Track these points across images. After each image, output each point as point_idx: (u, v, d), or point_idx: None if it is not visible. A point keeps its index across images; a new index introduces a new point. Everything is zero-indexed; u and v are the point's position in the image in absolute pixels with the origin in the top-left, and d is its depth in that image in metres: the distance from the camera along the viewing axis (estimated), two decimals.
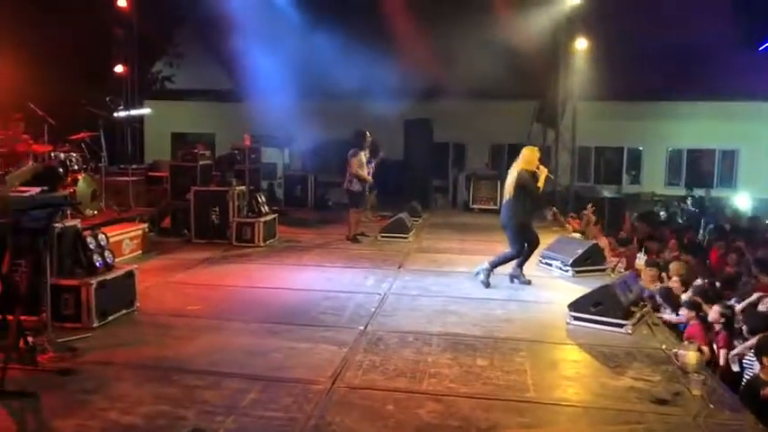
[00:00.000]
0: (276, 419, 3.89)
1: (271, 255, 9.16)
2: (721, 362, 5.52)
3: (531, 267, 8.53)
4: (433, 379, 4.60)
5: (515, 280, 7.57)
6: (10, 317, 4.58)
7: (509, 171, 7.59)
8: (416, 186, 15.31)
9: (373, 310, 6.33)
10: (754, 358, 4.98)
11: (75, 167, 8.62)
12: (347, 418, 3.93)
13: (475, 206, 15.27)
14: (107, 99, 12.07)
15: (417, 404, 4.16)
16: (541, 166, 7.51)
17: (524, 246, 7.56)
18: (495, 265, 7.52)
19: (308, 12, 14.95)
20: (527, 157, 7.50)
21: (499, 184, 15.36)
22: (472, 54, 14.12)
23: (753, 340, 5.15)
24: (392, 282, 7.54)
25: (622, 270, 8.32)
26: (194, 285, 7.24)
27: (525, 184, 7.34)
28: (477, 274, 7.50)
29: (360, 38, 14.27)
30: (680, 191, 17.96)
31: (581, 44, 14.83)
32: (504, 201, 7.64)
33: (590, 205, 11.32)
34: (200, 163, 10.74)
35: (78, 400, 4.10)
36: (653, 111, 17.44)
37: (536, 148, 7.75)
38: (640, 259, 7.66)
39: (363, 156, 10.26)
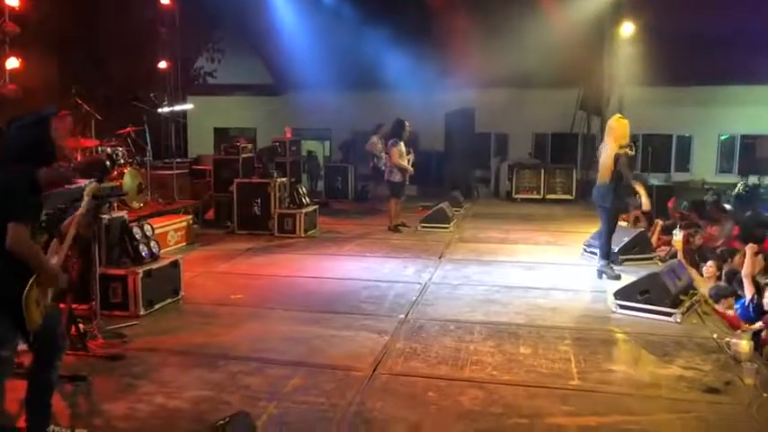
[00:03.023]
0: (318, 405, 3.91)
1: (311, 245, 9.23)
2: None
3: (575, 255, 8.42)
4: (475, 366, 4.55)
5: (603, 275, 7.05)
6: (62, 305, 4.73)
7: (599, 148, 7.05)
8: (458, 177, 15.20)
9: (414, 298, 6.31)
10: None
11: (122, 161, 8.84)
12: (388, 405, 3.92)
13: (518, 196, 15.09)
14: (151, 95, 12.35)
15: (459, 391, 4.12)
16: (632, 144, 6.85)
17: (614, 224, 7.07)
18: (606, 255, 7.08)
19: (350, 3, 14.95)
20: (618, 131, 6.75)
21: (543, 173, 15.24)
22: (514, 42, 13.88)
23: None
24: (433, 271, 7.50)
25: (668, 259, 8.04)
26: (237, 275, 7.35)
27: (623, 171, 6.66)
28: (601, 274, 7.06)
29: (401, 28, 14.23)
30: (733, 178, 17.34)
31: (627, 29, 14.42)
32: (598, 182, 7.05)
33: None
34: (243, 156, 10.90)
35: (127, 384, 4.21)
36: (703, 96, 16.84)
37: (624, 118, 6.96)
38: (677, 235, 7.28)
39: (402, 145, 10.22)
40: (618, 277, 6.87)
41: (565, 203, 14.57)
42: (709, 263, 6.94)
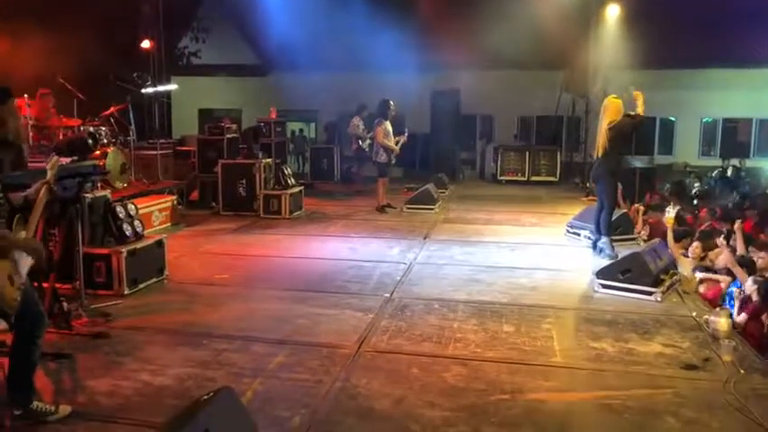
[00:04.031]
0: (303, 381, 3.94)
1: (297, 226, 9.23)
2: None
3: (558, 236, 8.49)
4: (459, 344, 4.60)
5: (602, 253, 7.12)
6: (45, 284, 4.70)
7: (598, 129, 7.23)
8: (443, 158, 15.22)
9: (399, 278, 6.34)
10: None
11: (105, 141, 8.73)
12: (373, 381, 3.96)
13: (503, 178, 15.16)
14: (135, 74, 12.19)
15: (443, 368, 4.17)
16: (636, 92, 7.02)
17: (614, 198, 7.22)
18: (607, 231, 7.19)
19: None
20: (612, 108, 7.07)
21: (528, 155, 15.30)
22: (501, 24, 13.84)
23: None
24: (418, 251, 7.54)
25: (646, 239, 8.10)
26: (222, 255, 7.34)
27: (626, 130, 7.02)
28: (601, 251, 7.15)
29: (386, 9, 14.11)
30: (714, 161, 17.53)
31: (612, 11, 14.43)
32: (595, 158, 7.35)
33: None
34: (227, 136, 10.82)
35: (111, 361, 4.21)
36: (686, 80, 16.96)
37: (617, 98, 7.23)
38: (670, 213, 7.36)
39: (388, 125, 10.21)
40: (615, 257, 6.80)
41: (549, 185, 14.67)
42: (695, 243, 7.01)
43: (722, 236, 6.65)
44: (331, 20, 14.68)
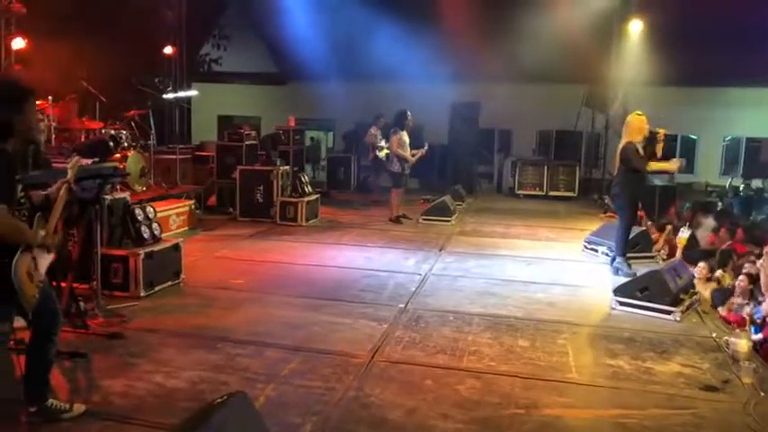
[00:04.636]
0: (315, 389, 3.92)
1: (313, 233, 9.23)
2: None
3: (576, 252, 8.42)
4: (473, 357, 4.56)
5: (620, 272, 6.99)
6: (63, 283, 4.74)
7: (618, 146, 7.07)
8: (460, 171, 15.18)
9: (413, 289, 6.31)
10: None
11: (125, 144, 8.82)
12: (386, 391, 3.93)
13: (520, 192, 15.07)
14: (156, 80, 12.33)
15: (457, 380, 4.13)
16: (661, 129, 6.83)
17: (634, 220, 7.05)
18: (622, 251, 7.06)
19: None
20: (634, 126, 6.81)
21: (546, 169, 15.22)
22: (521, 38, 13.83)
23: None
24: (433, 263, 7.50)
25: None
26: (238, 260, 7.36)
27: (627, 159, 6.76)
28: (617, 271, 7.01)
29: (408, 21, 14.16)
30: (736, 181, 17.30)
31: (635, 26, 14.36)
32: (615, 175, 7.26)
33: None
34: (246, 143, 10.89)
35: (126, 362, 4.23)
36: (709, 98, 16.80)
37: (642, 115, 6.94)
38: (683, 233, 7.25)
39: (405, 135, 10.21)
40: (633, 275, 6.68)
41: (567, 200, 14.56)
42: (701, 264, 6.89)
43: (753, 257, 6.52)
44: (351, 30, 14.76)
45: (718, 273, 6.80)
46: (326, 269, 7.14)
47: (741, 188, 15.66)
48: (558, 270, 7.40)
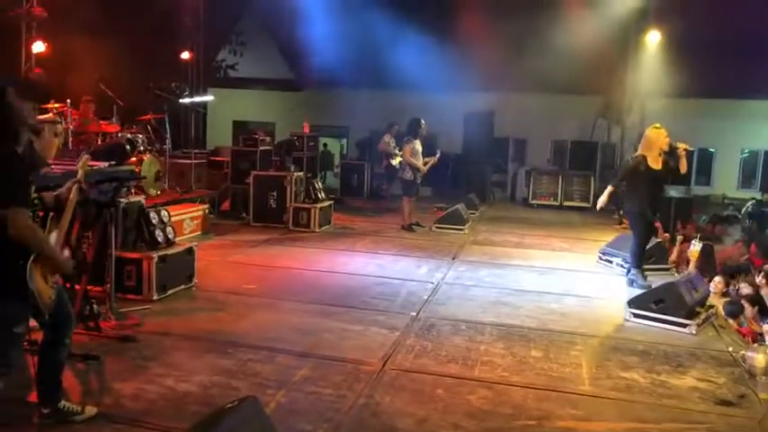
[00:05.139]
0: (326, 396, 3.91)
1: (325, 240, 9.23)
2: None
3: (590, 263, 8.35)
4: (485, 367, 4.53)
5: (634, 284, 6.91)
6: (77, 285, 4.77)
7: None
8: (474, 179, 15.14)
9: (426, 297, 6.29)
10: None
11: (141, 148, 8.90)
12: (396, 399, 3.91)
13: (534, 202, 14.99)
14: (173, 85, 12.43)
15: (468, 390, 4.10)
16: (681, 144, 6.64)
17: (648, 233, 7.02)
18: (637, 264, 7.00)
19: (374, 3, 14.95)
20: (649, 140, 6.74)
21: (561, 179, 15.13)
22: (537, 47, 13.80)
23: None
24: (446, 271, 7.47)
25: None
26: (250, 266, 7.37)
27: (623, 173, 6.95)
28: (632, 283, 6.94)
29: (422, 29, 14.19)
30: (754, 194, 17.10)
31: (653, 38, 14.29)
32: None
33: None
34: (261, 148, 10.94)
35: (137, 365, 4.24)
36: (727, 110, 16.64)
37: (660, 128, 6.81)
38: (695, 246, 7.16)
39: (418, 144, 10.20)
40: (648, 287, 6.58)
41: (582, 211, 14.45)
42: (717, 278, 6.81)
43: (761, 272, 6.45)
44: (367, 39, 14.81)
45: (741, 285, 6.71)
46: (338, 276, 7.13)
47: (755, 202, 15.47)
48: (571, 281, 7.33)
